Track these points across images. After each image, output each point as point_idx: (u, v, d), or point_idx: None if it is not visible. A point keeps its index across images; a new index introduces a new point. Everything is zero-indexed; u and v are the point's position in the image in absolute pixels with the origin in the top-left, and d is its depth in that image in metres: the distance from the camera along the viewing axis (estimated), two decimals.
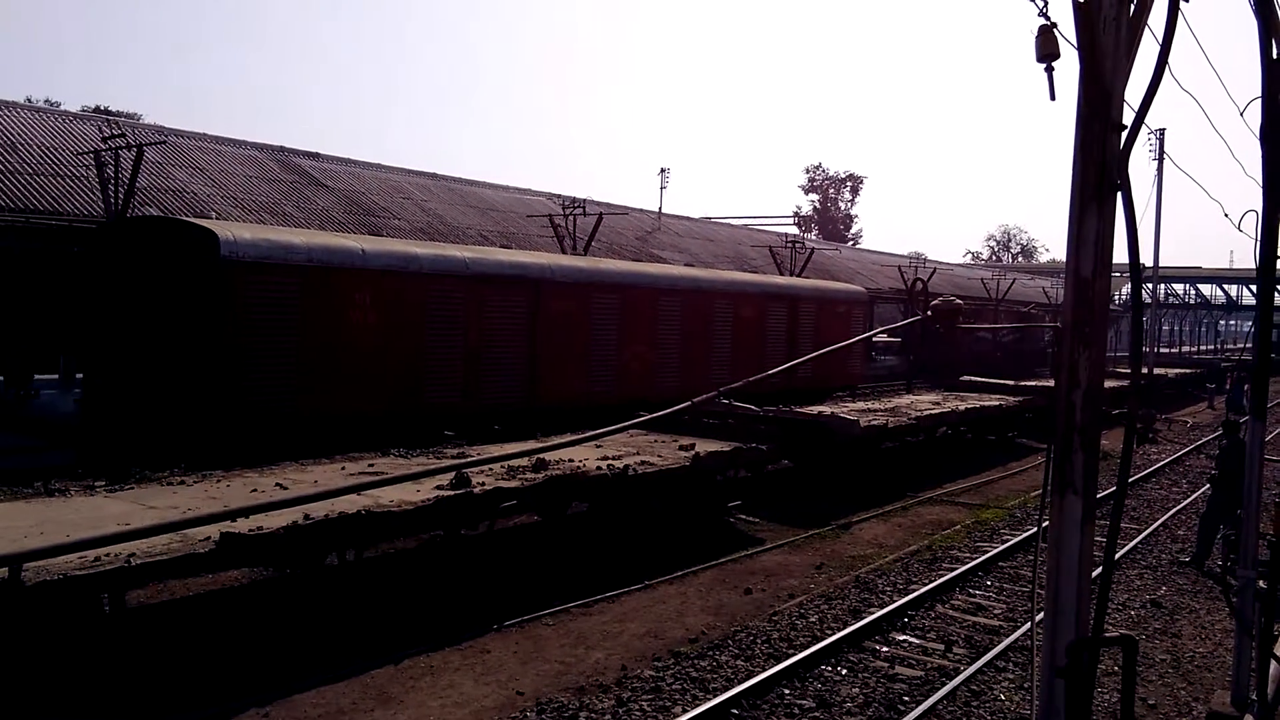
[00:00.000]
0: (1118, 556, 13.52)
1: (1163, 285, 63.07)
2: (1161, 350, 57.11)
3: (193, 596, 10.16)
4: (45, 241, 19.40)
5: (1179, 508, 17.53)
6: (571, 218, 28.97)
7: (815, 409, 19.00)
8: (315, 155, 31.16)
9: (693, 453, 13.41)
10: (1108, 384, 5.02)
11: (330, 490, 7.83)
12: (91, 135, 22.63)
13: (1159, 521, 16.28)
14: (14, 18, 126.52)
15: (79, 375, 19.12)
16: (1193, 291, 79.30)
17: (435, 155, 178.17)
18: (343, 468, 11.39)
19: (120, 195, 19.14)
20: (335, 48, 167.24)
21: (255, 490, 9.80)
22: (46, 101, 50.51)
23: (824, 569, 12.77)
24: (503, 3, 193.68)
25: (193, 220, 16.36)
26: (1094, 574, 3.97)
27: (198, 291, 14.02)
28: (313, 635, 9.23)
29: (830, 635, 9.78)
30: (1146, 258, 36.66)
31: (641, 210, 42.79)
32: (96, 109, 47.71)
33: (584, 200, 30.61)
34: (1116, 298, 60.62)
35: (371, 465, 11.59)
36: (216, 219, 21.17)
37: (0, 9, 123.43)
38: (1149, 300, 39.10)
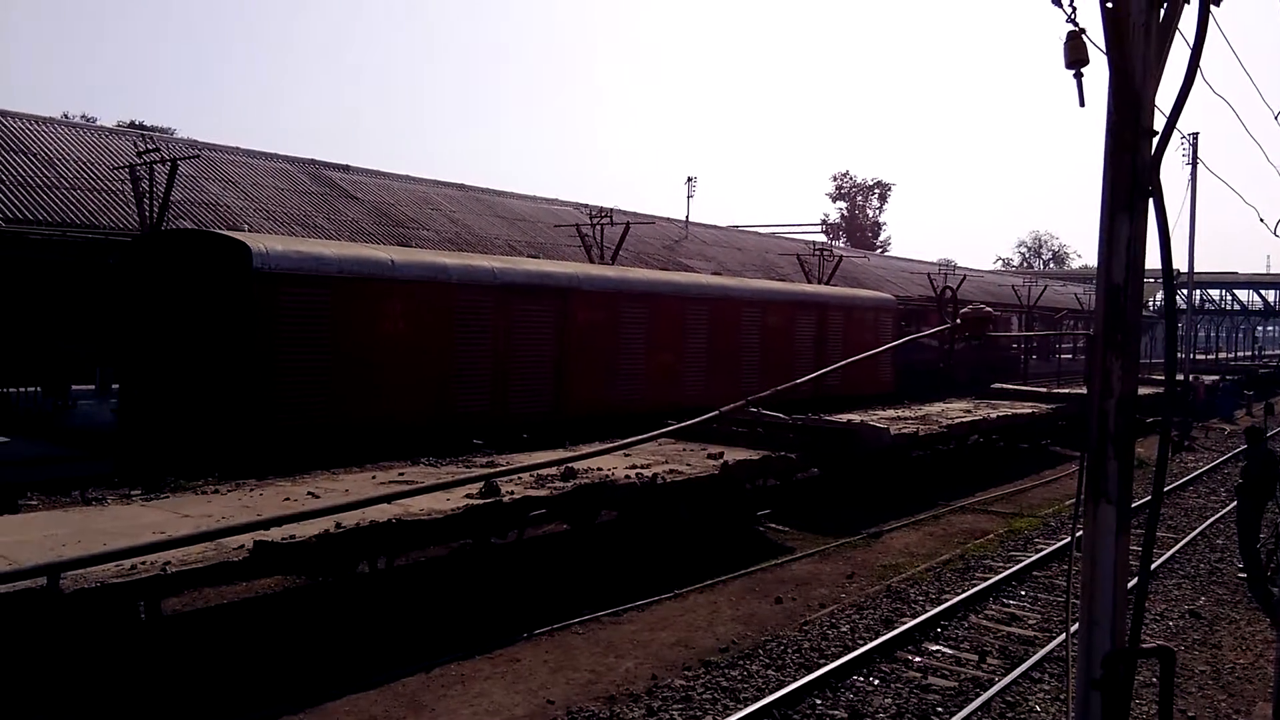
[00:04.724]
0: (1155, 566, 13.33)
1: (1198, 291, 62.17)
2: (1197, 357, 56.30)
3: (227, 604, 10.26)
4: (82, 254, 19.72)
5: (1217, 516, 17.25)
6: (599, 227, 29.01)
7: (845, 417, 18.91)
8: (345, 167, 31.46)
9: (721, 461, 13.38)
10: (1143, 391, 4.97)
11: (362, 499, 7.89)
12: (127, 150, 22.97)
13: (1197, 530, 16.04)
14: (51, 36, 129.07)
15: (115, 386, 19.39)
16: (1229, 297, 78.14)
17: (463, 166, 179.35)
18: (373, 476, 11.47)
19: (155, 208, 19.41)
20: (364, 60, 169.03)
21: (288, 499, 9.90)
22: (83, 117, 51.43)
23: (855, 578, 12.68)
24: (527, 15, 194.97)
25: (225, 233, 16.58)
26: (1130, 584, 3.92)
27: (230, 303, 14.20)
28: (345, 643, 9.30)
29: (862, 645, 9.72)
30: (1181, 263, 36.19)
31: (669, 219, 42.81)
32: (131, 124, 48.47)
33: (611, 210, 30.64)
34: (1151, 304, 59.86)
35: (402, 474, 11.67)
36: (249, 231, 21.44)
37: (37, 29, 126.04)
38: (1184, 306, 38.58)
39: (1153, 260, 3.89)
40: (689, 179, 49.43)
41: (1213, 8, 3.62)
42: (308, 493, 10.25)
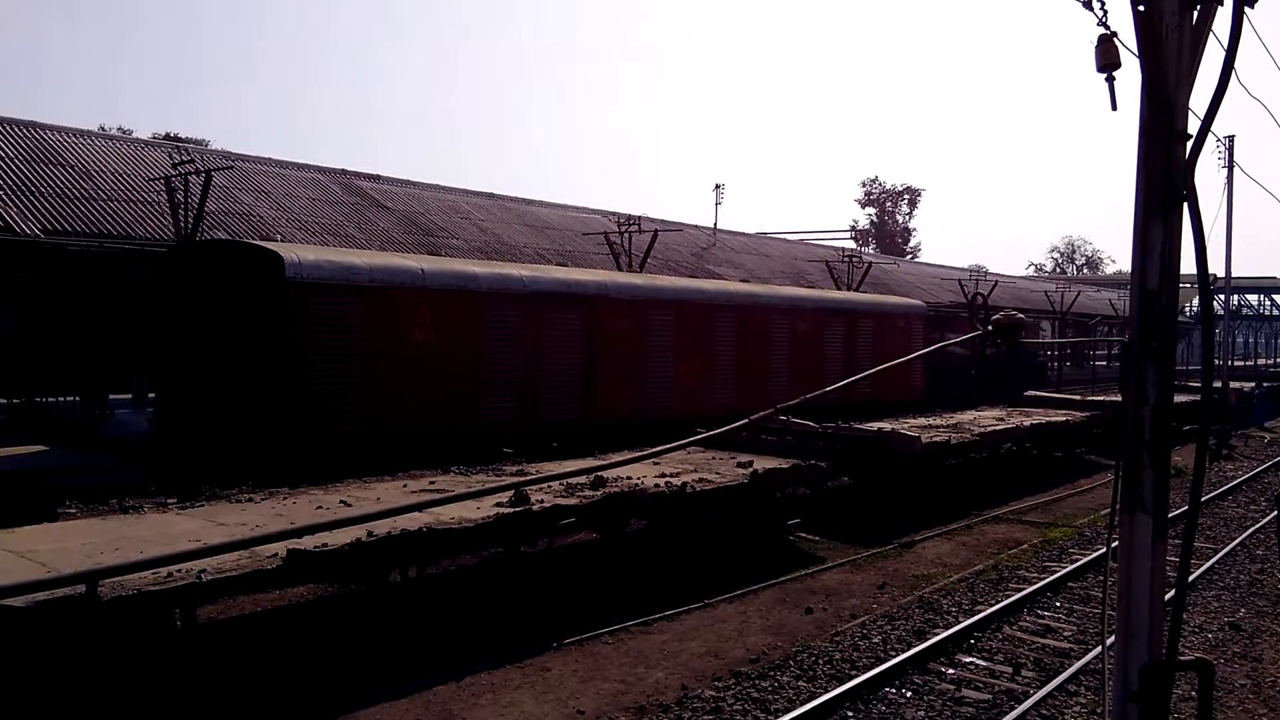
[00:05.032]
0: (1193, 578, 13.10)
1: (1235, 296, 61.21)
2: (1235, 363, 55.45)
3: (260, 612, 10.35)
4: (118, 265, 20.03)
5: (1257, 526, 16.94)
6: (627, 235, 29.10)
7: (875, 425, 18.77)
8: (376, 177, 31.77)
9: (751, 470, 13.33)
10: (1179, 399, 4.90)
11: (393, 508, 7.96)
12: (162, 162, 23.32)
13: (1236, 541, 15.75)
14: (87, 50, 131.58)
15: (151, 395, 19.66)
16: (1268, 302, 76.84)
17: (492, 175, 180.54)
18: (404, 485, 11.54)
19: (190, 219, 19.70)
20: (392, 70, 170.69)
21: (320, 507, 9.98)
22: (119, 129, 52.37)
23: (886, 588, 12.58)
24: (553, 22, 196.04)
25: (259, 243, 16.77)
26: (1167, 595, 3.86)
27: (264, 312, 14.37)
28: (376, 651, 9.36)
29: (894, 656, 9.62)
30: (1217, 267, 35.66)
31: (696, 227, 42.83)
32: (167, 136, 49.29)
33: (639, 217, 30.73)
34: (1187, 310, 59.05)
35: (432, 483, 11.73)
36: (282, 241, 21.69)
37: (74, 44, 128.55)
38: (1220, 312, 38.02)
39: (1188, 265, 3.84)
40: (717, 186, 49.59)
41: (1247, 9, 3.57)
42: (340, 501, 10.33)
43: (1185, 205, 3.69)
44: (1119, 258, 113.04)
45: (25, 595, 6.54)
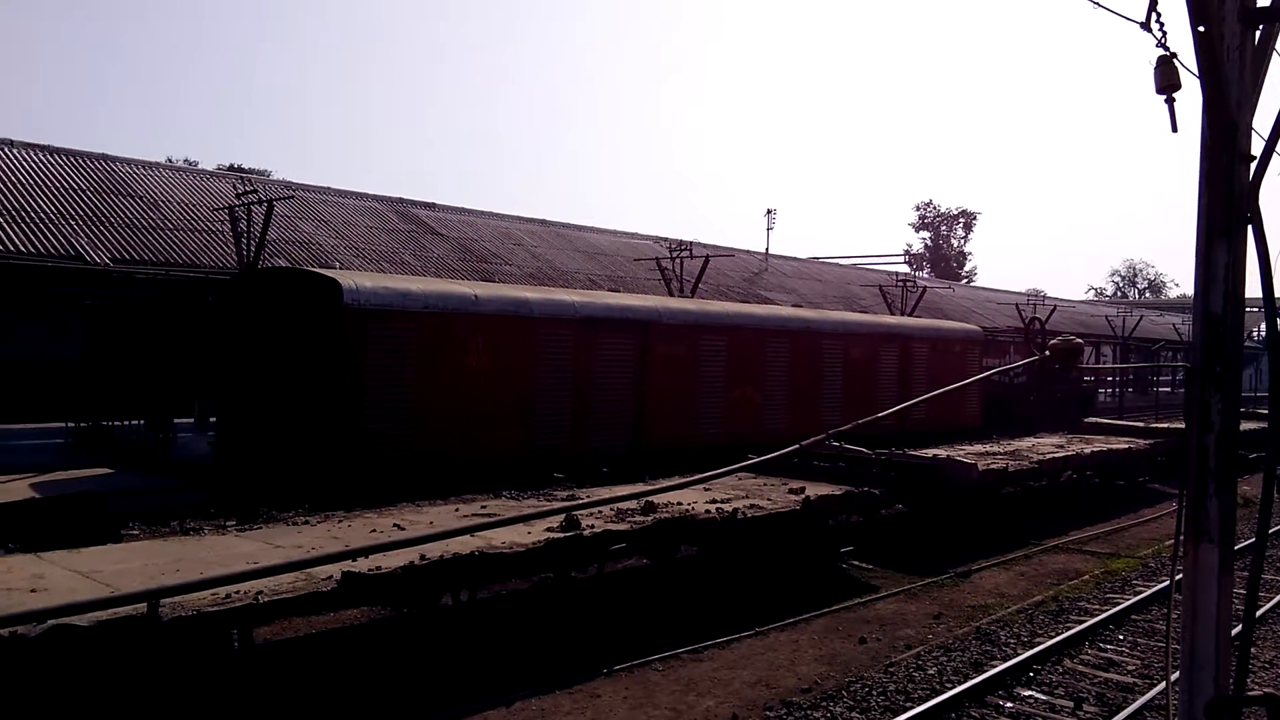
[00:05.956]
0: (1263, 611, 12.67)
1: None
2: None
3: (315, 634, 10.47)
4: (184, 292, 20.60)
5: None
6: (678, 260, 29.16)
7: (930, 452, 18.50)
8: (431, 205, 32.32)
9: (803, 496, 13.21)
10: (1246, 426, 4.78)
11: (445, 531, 8.01)
12: (226, 192, 23.97)
13: None
14: (157, 86, 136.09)
15: (212, 419, 20.12)
16: None
17: (544, 201, 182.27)
18: (456, 509, 11.63)
19: (252, 247, 20.20)
20: (446, 100, 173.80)
21: (374, 530, 10.10)
22: (186, 161, 53.96)
23: (942, 619, 12.35)
24: (603, 48, 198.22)
25: (318, 270, 17.13)
26: (1235, 629, 3.74)
27: (322, 337, 14.65)
28: (426, 675, 9.40)
29: (950, 689, 9.43)
30: None
31: (748, 252, 42.77)
32: (231, 167, 50.68)
33: (690, 243, 30.79)
34: (1254, 334, 57.46)
35: (484, 507, 11.80)
36: (340, 268, 22.12)
37: (145, 80, 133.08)
38: None
39: (1253, 289, 3.75)
40: (768, 211, 49.35)
41: None
42: (393, 524, 10.44)
43: (1249, 227, 3.61)
44: (1182, 280, 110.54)
45: (89, 614, 6.69)
